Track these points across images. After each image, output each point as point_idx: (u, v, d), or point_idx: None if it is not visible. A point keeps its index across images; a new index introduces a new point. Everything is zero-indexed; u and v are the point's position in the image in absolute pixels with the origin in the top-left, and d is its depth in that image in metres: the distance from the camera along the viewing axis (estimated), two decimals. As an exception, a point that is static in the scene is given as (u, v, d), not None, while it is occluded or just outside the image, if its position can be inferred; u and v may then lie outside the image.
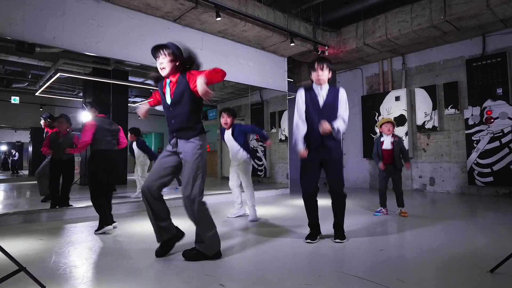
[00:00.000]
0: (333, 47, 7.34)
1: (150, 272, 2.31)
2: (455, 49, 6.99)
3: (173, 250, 2.73)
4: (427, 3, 5.92)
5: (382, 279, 2.09)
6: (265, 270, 2.31)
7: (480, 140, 6.44)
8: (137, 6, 5.09)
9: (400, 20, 6.27)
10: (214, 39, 6.22)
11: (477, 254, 2.62)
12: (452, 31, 6.18)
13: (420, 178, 7.42)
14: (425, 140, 7.38)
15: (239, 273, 2.30)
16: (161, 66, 2.48)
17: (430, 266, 2.35)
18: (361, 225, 3.80)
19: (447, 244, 2.94)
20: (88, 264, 2.49)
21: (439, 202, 5.75)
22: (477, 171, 6.44)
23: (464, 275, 2.19)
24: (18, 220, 4.12)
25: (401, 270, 2.29)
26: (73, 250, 2.89)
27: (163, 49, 2.49)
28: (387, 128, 4.32)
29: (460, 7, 5.50)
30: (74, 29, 4.66)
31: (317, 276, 2.18)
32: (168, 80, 2.54)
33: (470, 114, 6.57)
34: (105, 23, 4.94)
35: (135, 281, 2.12)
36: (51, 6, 4.47)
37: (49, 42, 4.47)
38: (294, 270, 2.32)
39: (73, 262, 2.55)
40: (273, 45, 6.77)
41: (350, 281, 2.07)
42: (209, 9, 5.24)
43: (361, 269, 2.29)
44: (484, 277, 2.12)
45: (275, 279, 2.13)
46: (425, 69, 7.45)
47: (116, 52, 5.07)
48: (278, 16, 6.30)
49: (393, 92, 7.75)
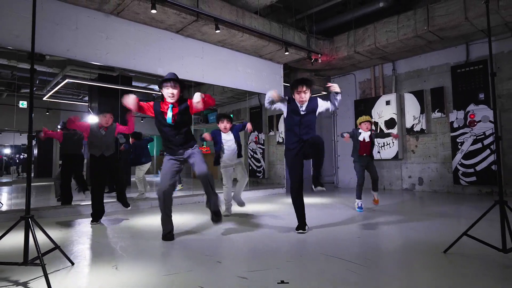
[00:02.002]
0: (326, 55, 7.78)
1: (158, 252, 2.73)
2: (441, 56, 7.42)
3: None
4: (412, 15, 6.36)
5: (352, 258, 2.50)
6: (255, 252, 2.73)
7: (464, 142, 6.85)
8: (143, 20, 5.53)
9: (388, 30, 6.71)
10: (214, 48, 6.66)
11: (437, 239, 3.03)
12: (436, 40, 6.61)
13: (410, 178, 7.83)
14: (414, 142, 7.80)
15: (233, 253, 2.72)
16: (171, 94, 3.05)
17: (397, 249, 2.77)
18: (346, 217, 4.22)
19: (414, 233, 3.35)
20: (106, 248, 2.91)
21: (423, 200, 6.16)
22: (461, 171, 6.85)
23: (422, 255, 2.60)
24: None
25: (371, 252, 2.71)
26: (91, 237, 3.31)
27: (174, 82, 3.06)
28: (366, 126, 4.79)
29: (442, 18, 5.94)
30: (85, 42, 5.10)
31: (299, 256, 2.60)
32: (171, 105, 3.10)
33: (455, 118, 6.99)
34: (114, 35, 5.38)
35: (147, 258, 2.54)
36: (66, 21, 4.92)
37: (64, 54, 4.93)
38: (280, 252, 2.74)
39: (93, 247, 2.97)
40: (269, 53, 7.21)
41: (325, 259, 2.49)
42: (209, 22, 5.68)
43: (338, 251, 2.71)
44: (439, 257, 2.53)
45: (263, 258, 2.55)
46: (413, 75, 7.88)
47: (124, 62, 5.51)
48: (273, 27, 6.74)
49: (384, 96, 8.18)
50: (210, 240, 3.16)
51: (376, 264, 2.39)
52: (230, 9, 5.98)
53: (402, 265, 2.39)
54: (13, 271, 2.27)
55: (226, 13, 5.87)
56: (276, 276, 2.14)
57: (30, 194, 2.11)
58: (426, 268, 2.29)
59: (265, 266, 2.35)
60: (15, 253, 2.67)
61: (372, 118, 8.30)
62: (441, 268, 2.28)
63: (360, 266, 2.33)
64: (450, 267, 2.30)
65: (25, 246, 2.07)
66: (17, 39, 4.52)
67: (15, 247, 2.86)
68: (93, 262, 2.52)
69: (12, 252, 2.75)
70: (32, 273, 2.22)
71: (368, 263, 2.39)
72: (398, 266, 2.34)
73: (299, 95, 3.35)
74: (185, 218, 4.40)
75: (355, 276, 2.15)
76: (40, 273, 2.17)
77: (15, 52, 6.66)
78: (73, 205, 5.07)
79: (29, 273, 2.22)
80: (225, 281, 2.10)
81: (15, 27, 4.50)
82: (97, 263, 2.48)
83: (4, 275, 2.20)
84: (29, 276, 2.17)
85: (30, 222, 2.06)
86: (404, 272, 2.24)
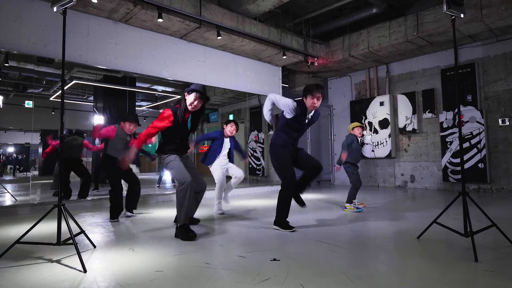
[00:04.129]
0: (322, 58, 8.15)
1: (168, 237, 3.11)
2: (432, 60, 7.78)
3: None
4: (402, 21, 6.73)
5: (337, 242, 2.88)
6: (253, 238, 3.11)
7: (453, 141, 7.22)
8: (149, 26, 5.90)
9: (380, 35, 7.08)
10: (215, 52, 7.03)
11: (413, 228, 3.40)
12: (426, 44, 6.97)
13: (402, 176, 8.20)
14: (406, 141, 8.17)
15: (233, 239, 3.10)
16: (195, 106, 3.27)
17: (377, 236, 3.15)
18: (337, 212, 4.60)
19: (394, 223, 3.73)
20: (122, 236, 3.29)
21: (413, 196, 6.54)
22: (450, 169, 7.22)
23: (399, 241, 2.98)
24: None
25: (355, 238, 3.09)
26: (106, 228, 3.70)
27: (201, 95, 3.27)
28: (359, 131, 4.98)
29: (430, 25, 6.30)
30: (96, 48, 5.48)
31: (290, 241, 2.98)
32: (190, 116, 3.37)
33: (445, 118, 7.36)
34: (122, 41, 5.76)
35: (159, 242, 2.92)
36: (78, 28, 5.29)
37: (76, 59, 5.30)
38: (274, 238, 3.12)
39: (110, 235, 3.36)
40: (268, 56, 7.58)
41: (314, 244, 2.87)
42: (211, 28, 6.05)
43: (325, 237, 3.08)
44: (412, 242, 2.91)
45: (259, 243, 2.93)
46: (406, 77, 8.24)
47: (131, 66, 5.89)
48: (272, 32, 7.11)
49: (378, 97, 8.55)
50: (212, 229, 3.54)
51: (357, 247, 2.77)
52: (231, 16, 6.35)
53: (380, 248, 2.76)
54: (46, 251, 2.66)
55: (227, 19, 6.24)
56: (270, 255, 2.52)
57: (62, 185, 2.48)
58: (401, 251, 2.67)
59: (260, 248, 2.73)
60: (48, 236, 3.06)
61: (367, 119, 8.69)
62: (414, 250, 2.66)
63: (343, 248, 2.71)
64: (421, 249, 2.68)
65: (58, 229, 2.45)
66: (34, 45, 4.90)
67: (47, 232, 3.25)
68: (112, 246, 2.90)
69: (45, 236, 3.15)
70: (62, 253, 2.61)
71: (350, 247, 2.77)
72: (376, 250, 2.71)
73: (312, 101, 3.34)
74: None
75: (337, 256, 2.52)
76: (70, 253, 2.56)
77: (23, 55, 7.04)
78: (86, 200, 5.45)
79: (60, 252, 2.61)
80: (227, 259, 2.48)
81: (32, 35, 4.88)
82: (116, 246, 2.86)
83: (40, 254, 2.59)
84: (62, 255, 2.56)
85: (62, 209, 2.44)
86: (381, 254, 2.61)
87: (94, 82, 9.70)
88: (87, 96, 11.46)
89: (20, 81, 10.14)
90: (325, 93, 9.92)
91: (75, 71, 9.17)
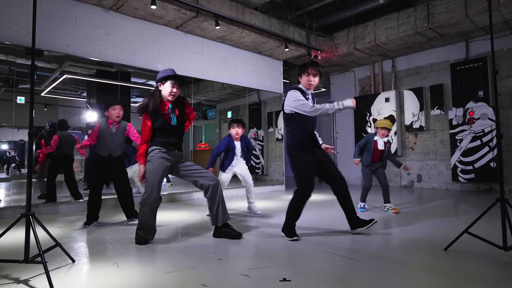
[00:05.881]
0: (326, 51, 7.76)
1: (160, 250, 2.73)
2: (441, 54, 7.42)
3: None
4: (412, 12, 6.35)
5: (353, 255, 2.51)
6: (256, 250, 2.74)
7: (463, 139, 6.87)
8: (142, 15, 5.49)
9: (388, 27, 6.69)
10: (213, 44, 6.63)
11: (437, 237, 3.04)
12: (436, 37, 6.60)
13: (408, 175, 7.85)
14: (413, 139, 7.81)
15: (234, 251, 2.72)
16: (174, 94, 2.94)
17: (396, 246, 2.78)
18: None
19: (414, 230, 3.37)
20: (107, 245, 2.91)
21: (423, 197, 6.18)
22: (460, 168, 6.87)
23: (423, 253, 2.61)
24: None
25: (372, 249, 2.72)
26: (91, 235, 3.31)
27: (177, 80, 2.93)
28: (382, 133, 4.52)
29: (442, 16, 5.93)
30: (85, 37, 5.06)
31: (299, 253, 2.60)
32: (171, 105, 2.98)
33: (454, 115, 7.00)
34: (113, 31, 5.35)
35: (148, 256, 2.54)
36: (64, 16, 4.88)
37: (63, 50, 4.89)
38: (281, 249, 2.74)
39: (93, 244, 2.97)
40: (269, 49, 7.19)
41: (326, 257, 2.50)
42: (209, 18, 5.65)
43: (338, 249, 2.71)
44: (440, 255, 2.55)
45: (264, 255, 2.55)
46: (413, 72, 7.87)
47: (123, 58, 5.48)
48: (273, 23, 6.71)
49: (383, 93, 8.18)
50: (210, 238, 3.16)
51: (377, 261, 2.40)
52: (230, 5, 5.94)
53: (403, 262, 2.40)
54: (14, 268, 2.26)
55: (226, 9, 5.84)
56: (278, 273, 2.14)
57: (31, 191, 2.10)
58: (427, 265, 2.30)
59: (266, 263, 2.36)
60: (16, 250, 2.67)
61: (371, 116, 8.31)
62: (442, 265, 2.29)
63: (361, 263, 2.34)
64: (451, 264, 2.31)
65: (26, 243, 2.06)
66: (16, 34, 4.49)
67: (15, 244, 2.86)
68: (94, 259, 2.51)
69: (13, 249, 2.75)
70: (33, 271, 2.21)
71: (368, 261, 2.40)
72: (398, 264, 2.35)
73: (308, 78, 3.03)
74: (183, 215, 4.41)
75: (356, 273, 2.15)
76: (41, 271, 2.16)
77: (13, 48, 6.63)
78: (73, 202, 5.06)
79: (30, 271, 2.21)
80: (228, 279, 2.10)
81: (13, 23, 4.46)
82: (98, 260, 2.48)
83: (5, 273, 2.19)
84: (30, 274, 2.16)
85: (31, 220, 2.05)
86: (405, 270, 2.25)
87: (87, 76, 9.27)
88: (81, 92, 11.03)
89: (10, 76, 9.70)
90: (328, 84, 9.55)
91: (67, 65, 8.73)
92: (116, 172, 3.90)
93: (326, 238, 3.11)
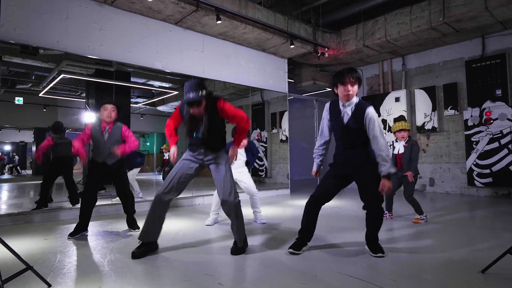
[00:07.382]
0: (333, 49, 7.40)
1: (151, 270, 2.38)
2: (455, 51, 7.03)
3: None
4: (426, 5, 5.97)
5: (375, 279, 2.15)
6: (263, 271, 2.38)
7: (479, 141, 6.48)
8: (139, 10, 5.16)
9: (400, 22, 6.32)
10: (215, 41, 6.29)
11: (470, 255, 2.68)
12: (451, 32, 6.22)
13: (420, 178, 7.46)
14: (424, 140, 7.43)
15: (237, 273, 2.37)
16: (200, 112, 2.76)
17: (425, 267, 2.42)
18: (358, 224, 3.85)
19: (443, 245, 3.00)
20: (92, 263, 2.56)
21: (439, 203, 5.80)
22: (476, 172, 6.48)
23: (456, 275, 2.25)
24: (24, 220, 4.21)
25: (396, 270, 2.35)
26: (77, 249, 2.97)
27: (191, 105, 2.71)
28: (401, 135, 4.14)
29: (459, 9, 5.55)
30: (77, 33, 4.74)
31: (313, 276, 2.25)
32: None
33: (470, 115, 6.61)
34: (108, 26, 5.02)
35: (138, 277, 2.19)
36: (55, 10, 4.55)
37: (53, 46, 4.57)
38: (291, 270, 2.38)
39: (77, 261, 2.63)
40: (273, 46, 6.84)
41: (344, 280, 2.14)
42: (209, 12, 5.31)
43: (357, 270, 2.35)
44: (476, 277, 2.18)
45: (272, 278, 2.20)
46: (424, 70, 7.49)
47: (118, 55, 5.15)
48: (278, 18, 6.36)
49: (393, 93, 7.80)
50: (210, 255, 2.80)
51: (403, 286, 2.04)
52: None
53: (435, 287, 2.04)
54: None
55: (228, 3, 5.50)
56: (289, 305, 1.79)
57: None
58: (465, 293, 1.94)
59: (274, 289, 2.00)
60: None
61: (381, 116, 7.94)
62: (482, 293, 1.93)
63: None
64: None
65: (-13, 269, 1.72)
66: (1, 29, 4.16)
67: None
68: (75, 282, 2.17)
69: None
70: (-1, 299, 1.87)
71: (394, 286, 2.04)
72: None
73: (344, 88, 2.62)
74: (182, 225, 4.06)
75: (383, 305, 1.79)
76: (7, 300, 1.82)
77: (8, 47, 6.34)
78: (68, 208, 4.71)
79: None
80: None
81: None
82: (79, 283, 2.14)
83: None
84: (-6, 305, 1.82)
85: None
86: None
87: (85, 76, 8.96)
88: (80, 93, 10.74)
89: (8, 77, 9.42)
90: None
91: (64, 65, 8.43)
92: (114, 179, 3.64)
93: (339, 254, 2.74)
